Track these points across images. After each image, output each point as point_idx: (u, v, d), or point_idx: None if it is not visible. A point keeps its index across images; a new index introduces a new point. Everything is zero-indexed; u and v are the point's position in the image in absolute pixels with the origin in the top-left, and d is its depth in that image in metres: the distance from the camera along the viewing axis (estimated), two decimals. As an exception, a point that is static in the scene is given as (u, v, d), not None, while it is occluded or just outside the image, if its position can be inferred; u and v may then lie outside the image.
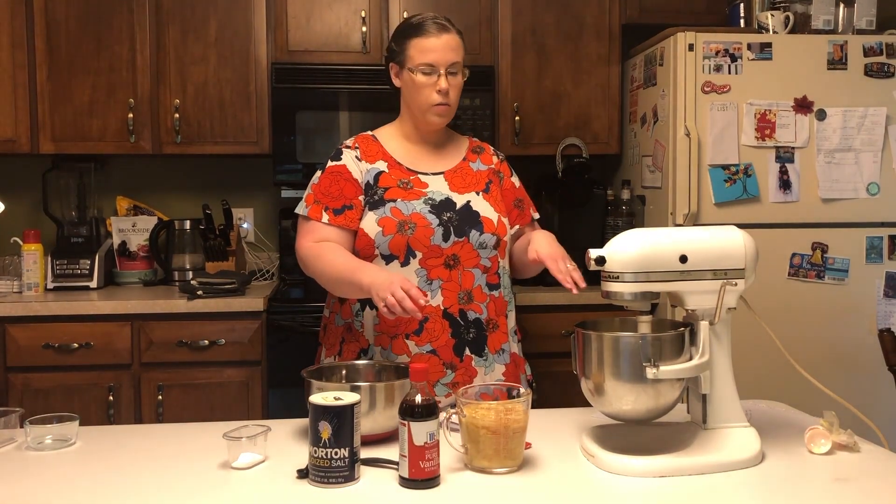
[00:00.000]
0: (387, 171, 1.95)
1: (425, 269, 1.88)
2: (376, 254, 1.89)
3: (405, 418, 1.32)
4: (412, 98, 1.94)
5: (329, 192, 1.94)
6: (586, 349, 1.44)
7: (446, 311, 1.89)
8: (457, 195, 1.94)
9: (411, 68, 1.90)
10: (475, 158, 2.04)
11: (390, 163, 1.96)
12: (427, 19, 1.92)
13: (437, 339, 1.88)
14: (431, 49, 1.89)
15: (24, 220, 3.43)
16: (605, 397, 1.43)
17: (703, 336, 1.43)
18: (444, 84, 1.89)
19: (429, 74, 1.89)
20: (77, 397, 2.85)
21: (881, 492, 1.33)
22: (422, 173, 1.96)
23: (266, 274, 3.54)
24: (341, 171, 1.95)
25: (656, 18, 3.29)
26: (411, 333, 1.88)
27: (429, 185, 1.94)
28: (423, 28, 1.90)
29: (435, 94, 1.90)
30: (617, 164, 3.53)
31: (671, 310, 2.84)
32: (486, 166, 2.04)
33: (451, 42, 1.90)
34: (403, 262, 1.88)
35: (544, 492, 1.32)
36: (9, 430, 1.59)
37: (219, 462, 1.45)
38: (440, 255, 1.88)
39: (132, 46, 3.16)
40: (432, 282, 1.88)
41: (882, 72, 2.95)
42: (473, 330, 1.90)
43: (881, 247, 2.95)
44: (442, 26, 1.91)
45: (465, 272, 1.91)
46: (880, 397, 2.83)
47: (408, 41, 1.92)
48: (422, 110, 1.94)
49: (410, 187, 1.93)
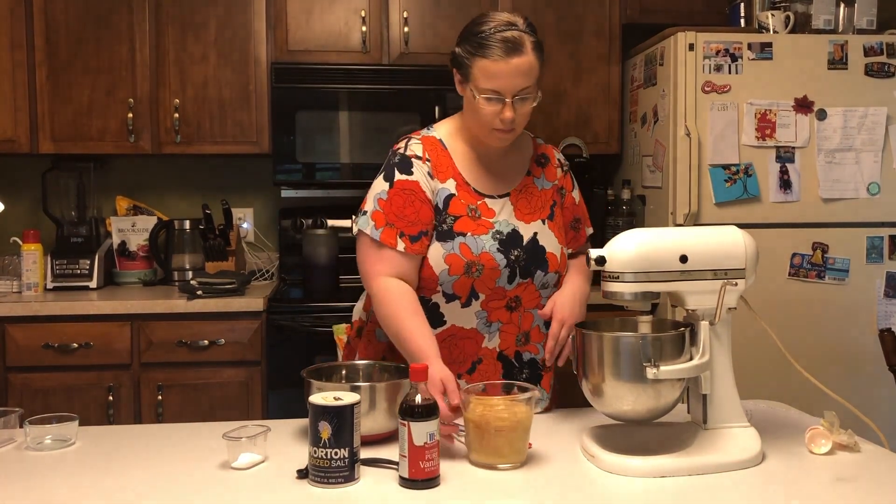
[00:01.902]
0: (456, 196, 1.75)
1: (486, 311, 1.75)
2: (438, 290, 1.74)
3: (405, 418, 1.31)
4: (471, 116, 1.75)
5: (404, 214, 1.71)
6: (586, 349, 1.44)
7: (501, 353, 1.79)
8: (523, 225, 1.78)
9: (474, 91, 1.69)
10: (539, 173, 1.85)
11: (459, 182, 1.77)
12: (497, 35, 1.66)
13: (489, 379, 1.76)
14: (500, 75, 1.65)
15: (24, 220, 3.43)
16: (606, 397, 1.43)
17: (703, 336, 1.43)
18: (510, 114, 1.67)
19: (493, 101, 1.67)
20: (77, 397, 2.85)
21: (881, 492, 1.33)
22: (488, 196, 1.78)
23: (266, 274, 3.54)
24: (415, 190, 1.73)
25: (657, 18, 3.29)
26: (464, 373, 1.77)
27: (496, 214, 1.77)
28: (490, 49, 1.65)
29: (497, 121, 1.69)
30: (617, 163, 3.53)
31: (671, 310, 2.84)
32: (551, 183, 1.86)
33: (521, 66, 1.66)
34: (465, 303, 1.74)
35: (544, 492, 1.32)
36: (8, 430, 1.59)
37: (219, 462, 1.44)
38: (503, 298, 1.75)
39: (132, 46, 3.16)
40: (491, 324, 1.76)
41: (882, 71, 2.94)
42: (527, 370, 1.81)
43: (882, 247, 2.95)
44: (512, 47, 1.65)
45: (526, 313, 1.79)
46: (881, 397, 2.83)
47: (475, 60, 1.68)
48: (482, 132, 1.74)
49: (479, 216, 1.75)
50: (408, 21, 3.24)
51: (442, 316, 1.76)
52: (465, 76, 1.72)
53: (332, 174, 3.22)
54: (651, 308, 1.47)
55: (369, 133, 3.21)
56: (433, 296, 1.75)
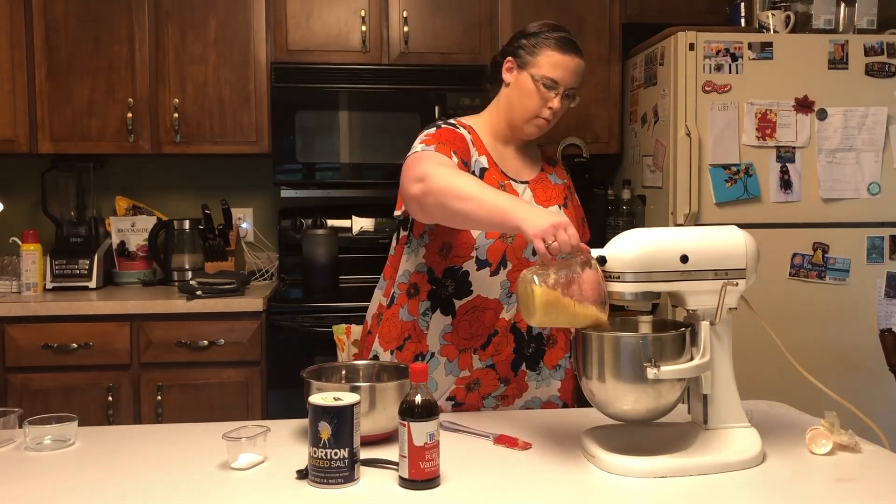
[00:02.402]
0: (489, 169, 1.85)
1: (510, 281, 1.81)
2: (472, 256, 1.79)
3: (405, 418, 1.31)
4: (520, 102, 1.85)
5: (454, 141, 1.79)
6: (586, 349, 1.44)
7: (515, 325, 1.84)
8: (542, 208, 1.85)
9: (534, 76, 1.82)
10: (551, 170, 1.98)
11: (490, 160, 1.87)
12: (567, 36, 1.85)
13: (500, 353, 1.84)
14: (563, 67, 1.82)
15: (23, 220, 3.43)
16: (606, 398, 1.43)
17: (703, 336, 1.42)
18: (558, 104, 1.83)
19: (549, 89, 1.82)
20: (76, 397, 2.85)
21: (882, 492, 1.32)
22: (512, 179, 1.88)
23: (265, 274, 3.53)
24: (463, 139, 1.82)
25: (657, 18, 3.29)
26: (478, 348, 1.83)
27: (519, 195, 1.86)
28: (565, 44, 1.83)
29: (545, 109, 1.83)
30: (617, 163, 3.53)
31: (672, 310, 2.84)
32: (561, 181, 1.98)
33: (580, 67, 1.85)
34: (494, 271, 1.80)
35: (544, 492, 1.32)
36: (8, 430, 1.59)
37: (218, 462, 1.44)
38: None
39: (131, 46, 3.16)
40: (511, 295, 1.82)
41: (883, 71, 2.94)
42: (533, 345, 1.87)
43: (882, 247, 2.95)
44: (575, 48, 1.85)
45: None
46: (881, 397, 2.83)
47: (542, 49, 1.83)
48: (524, 118, 1.85)
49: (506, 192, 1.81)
50: (408, 21, 3.24)
51: (470, 285, 1.80)
52: (524, 64, 1.84)
53: (332, 174, 3.21)
54: (651, 308, 1.46)
55: (369, 133, 3.21)
56: (465, 263, 1.79)
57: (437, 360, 1.83)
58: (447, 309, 1.82)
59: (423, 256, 1.83)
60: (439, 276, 1.81)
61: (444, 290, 1.82)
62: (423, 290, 1.84)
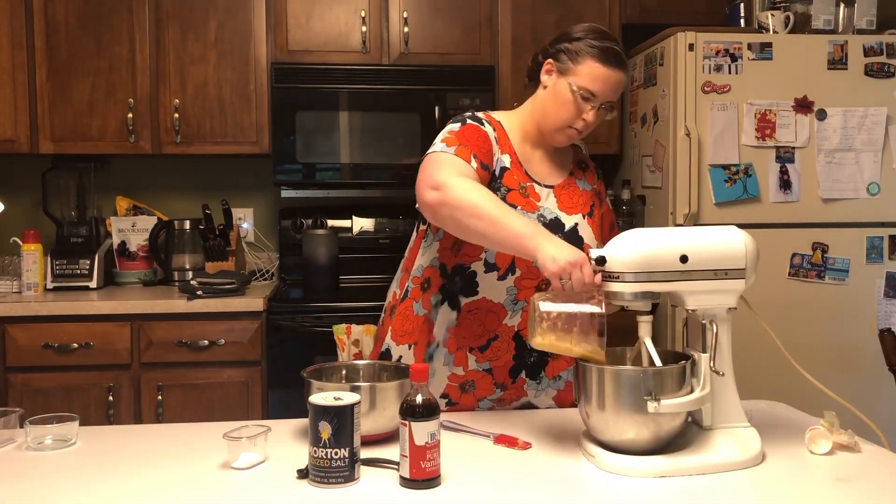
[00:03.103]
0: (510, 169, 1.79)
1: (517, 288, 1.77)
2: (481, 257, 1.75)
3: (406, 418, 1.31)
4: (554, 108, 1.78)
5: (476, 142, 1.73)
6: (586, 381, 1.43)
7: (518, 333, 1.80)
8: (565, 216, 1.81)
9: (573, 85, 1.74)
10: (581, 175, 1.92)
11: (514, 160, 1.81)
12: (614, 46, 1.76)
13: (499, 358, 1.81)
14: (605, 80, 1.74)
15: (24, 220, 3.43)
16: (607, 429, 1.42)
17: (703, 368, 1.43)
18: (593, 118, 1.77)
19: (586, 100, 1.75)
20: (77, 397, 2.85)
21: (882, 492, 1.33)
22: (536, 182, 1.82)
23: (266, 274, 3.54)
24: (487, 136, 1.77)
25: (656, 18, 3.30)
26: (475, 349, 1.80)
27: (541, 199, 1.81)
28: (609, 56, 1.74)
29: (579, 120, 1.77)
30: (617, 163, 3.53)
31: (671, 310, 2.84)
32: (591, 186, 1.92)
33: (622, 81, 1.78)
34: (502, 276, 1.76)
35: (544, 492, 1.32)
36: (9, 430, 1.59)
37: (219, 462, 1.44)
38: (536, 278, 1.76)
39: (132, 46, 3.16)
40: (518, 302, 1.78)
41: (882, 72, 2.94)
42: (535, 354, 1.83)
43: (882, 247, 2.95)
44: (619, 61, 1.76)
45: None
46: (881, 397, 2.84)
47: (585, 58, 1.74)
48: (555, 126, 1.79)
49: (527, 195, 1.80)
50: (408, 21, 3.25)
51: (476, 285, 1.77)
52: (564, 69, 1.76)
53: (333, 174, 3.22)
54: (651, 308, 1.47)
55: (369, 133, 3.21)
56: (473, 263, 1.76)
57: (441, 349, 1.82)
58: (453, 303, 1.80)
59: (436, 251, 1.81)
60: (449, 272, 1.79)
61: (452, 286, 1.80)
62: (434, 285, 1.82)
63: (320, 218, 3.44)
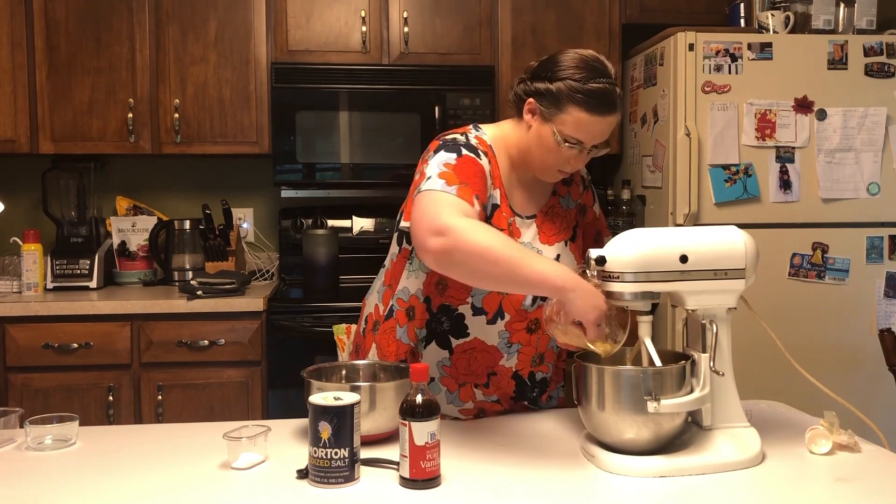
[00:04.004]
0: (500, 206, 1.69)
1: (509, 332, 1.71)
2: (468, 301, 1.67)
3: (406, 418, 1.31)
4: (538, 152, 1.66)
5: (475, 181, 1.59)
6: (586, 381, 1.44)
7: (517, 373, 1.76)
8: (547, 248, 1.73)
9: (557, 134, 1.61)
10: (565, 192, 1.82)
11: (502, 194, 1.70)
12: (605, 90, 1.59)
13: (501, 390, 1.77)
14: (589, 128, 1.60)
15: (24, 220, 3.43)
16: (607, 429, 1.42)
17: (703, 368, 1.43)
18: (582, 164, 1.67)
19: (571, 147, 1.62)
20: (77, 397, 2.85)
21: (881, 492, 1.33)
22: (518, 216, 1.72)
23: (266, 274, 3.54)
24: (481, 172, 1.63)
25: (656, 18, 3.29)
26: (481, 385, 1.75)
27: (521, 236, 1.72)
28: (597, 101, 1.58)
29: (567, 164, 1.66)
30: (617, 163, 3.53)
31: (671, 310, 2.84)
32: (574, 202, 1.84)
33: (612, 123, 1.62)
34: (490, 320, 1.69)
35: (544, 492, 1.32)
36: (9, 430, 1.59)
37: (219, 462, 1.44)
38: (524, 320, 1.72)
39: (132, 46, 3.16)
40: (512, 345, 1.72)
41: (882, 72, 2.94)
42: (538, 389, 1.82)
43: (881, 247, 2.95)
44: (608, 105, 1.59)
45: (543, 336, 1.74)
46: (881, 397, 2.83)
47: (570, 104, 1.59)
48: (541, 168, 1.69)
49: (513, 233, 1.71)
50: (408, 21, 3.25)
51: (466, 328, 1.71)
52: (550, 116, 1.62)
53: (333, 174, 3.22)
54: (651, 308, 1.47)
55: (369, 133, 3.21)
56: (460, 306, 1.69)
57: (437, 385, 1.75)
58: (444, 343, 1.72)
59: (422, 283, 1.72)
60: (435, 311, 1.71)
61: (439, 325, 1.71)
62: (419, 318, 1.72)
63: (320, 218, 3.44)
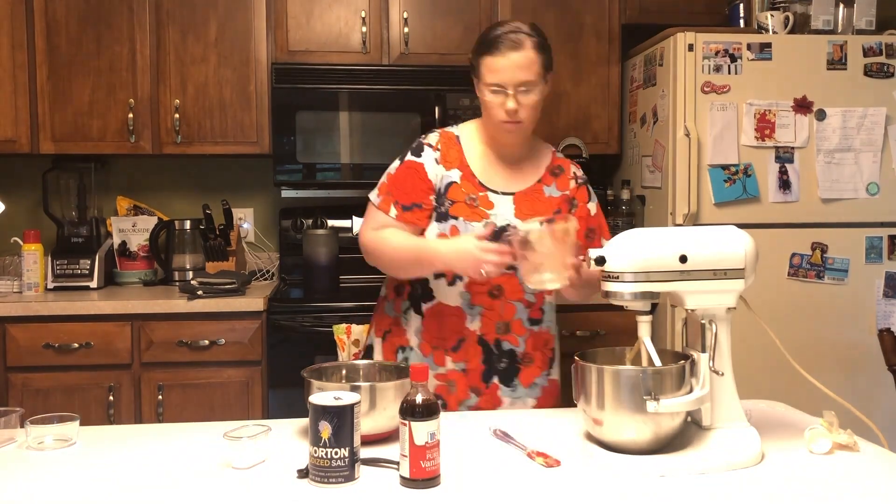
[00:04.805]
0: (458, 183, 1.90)
1: (469, 293, 1.88)
2: None
3: (406, 418, 1.32)
4: (485, 113, 1.90)
5: (402, 186, 1.92)
6: (586, 381, 1.44)
7: (481, 338, 1.89)
8: (520, 223, 1.83)
9: (483, 88, 1.85)
10: (551, 182, 1.96)
11: (465, 173, 1.91)
12: (502, 34, 1.82)
13: (469, 361, 1.89)
14: (500, 69, 1.80)
15: (25, 220, 3.43)
16: (607, 429, 1.43)
17: (703, 368, 1.43)
18: (513, 105, 1.81)
19: (497, 93, 1.83)
20: (77, 397, 2.85)
21: (881, 492, 1.33)
22: (492, 191, 1.91)
23: (266, 274, 3.54)
24: (418, 169, 1.92)
25: (656, 18, 3.29)
26: (450, 349, 1.89)
27: (495, 207, 1.89)
28: (495, 45, 1.81)
29: (503, 112, 1.83)
30: (617, 164, 3.53)
31: (671, 310, 2.85)
32: (560, 192, 1.96)
33: (521, 61, 1.80)
34: (450, 281, 1.89)
35: (544, 492, 1.32)
36: (9, 430, 1.59)
37: (219, 462, 1.45)
38: (485, 283, 1.86)
39: (132, 46, 3.17)
40: (474, 307, 1.88)
41: (882, 72, 2.95)
42: (506, 361, 1.90)
43: (881, 247, 2.95)
44: (515, 43, 1.80)
45: (508, 304, 1.90)
46: (880, 397, 2.84)
47: (480, 57, 1.85)
48: (494, 126, 1.89)
49: (476, 205, 1.89)
50: (408, 22, 3.25)
51: (431, 291, 1.91)
52: (476, 75, 1.88)
53: (333, 174, 3.22)
54: (650, 308, 1.47)
55: (369, 133, 3.21)
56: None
57: (416, 353, 1.92)
58: (417, 308, 1.94)
59: None
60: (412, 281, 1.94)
61: (415, 293, 1.94)
62: (404, 291, 1.96)
63: (320, 218, 3.44)
